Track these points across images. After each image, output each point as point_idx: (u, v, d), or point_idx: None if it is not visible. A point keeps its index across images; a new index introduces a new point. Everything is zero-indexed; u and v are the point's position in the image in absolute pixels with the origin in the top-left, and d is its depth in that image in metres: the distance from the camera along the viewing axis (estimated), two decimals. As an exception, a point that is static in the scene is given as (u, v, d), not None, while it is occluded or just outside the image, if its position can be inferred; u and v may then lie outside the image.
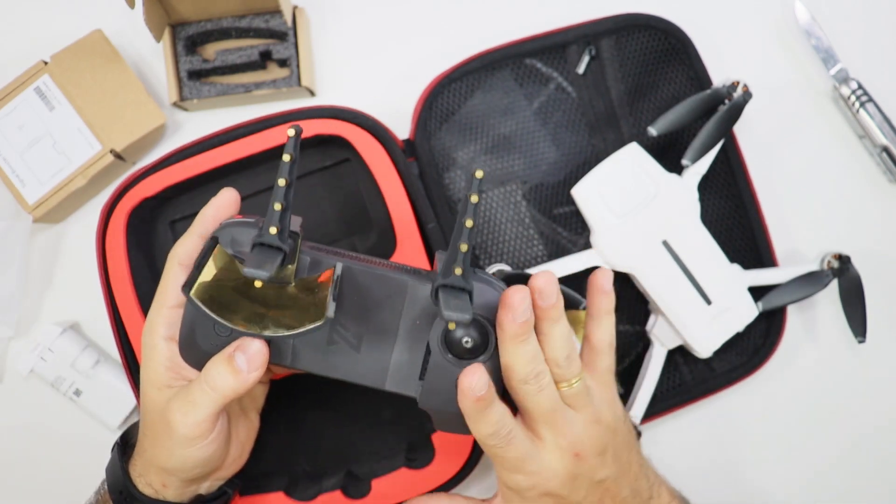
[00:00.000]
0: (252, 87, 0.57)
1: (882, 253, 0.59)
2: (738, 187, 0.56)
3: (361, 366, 0.39)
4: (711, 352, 0.53)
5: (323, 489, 0.51)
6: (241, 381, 0.38)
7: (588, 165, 0.54)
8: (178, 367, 0.40)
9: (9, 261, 0.56)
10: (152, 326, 0.41)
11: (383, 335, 0.38)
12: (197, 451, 0.40)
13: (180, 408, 0.39)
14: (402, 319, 0.38)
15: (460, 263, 0.34)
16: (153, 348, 0.41)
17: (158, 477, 0.41)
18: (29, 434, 0.58)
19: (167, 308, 0.41)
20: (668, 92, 0.56)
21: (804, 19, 0.58)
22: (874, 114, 0.57)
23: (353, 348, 0.38)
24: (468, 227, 0.34)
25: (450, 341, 0.37)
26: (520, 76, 0.55)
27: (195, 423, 0.38)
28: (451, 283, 0.35)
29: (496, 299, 0.37)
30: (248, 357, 0.37)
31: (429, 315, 0.38)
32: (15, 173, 0.54)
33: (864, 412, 0.60)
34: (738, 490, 0.59)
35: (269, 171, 0.55)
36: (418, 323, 0.38)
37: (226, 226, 0.39)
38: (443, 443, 0.51)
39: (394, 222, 0.51)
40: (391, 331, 0.38)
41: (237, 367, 0.37)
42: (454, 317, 0.33)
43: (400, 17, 0.60)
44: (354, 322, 0.38)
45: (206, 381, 0.38)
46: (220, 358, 0.38)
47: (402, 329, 0.38)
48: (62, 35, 0.55)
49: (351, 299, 0.38)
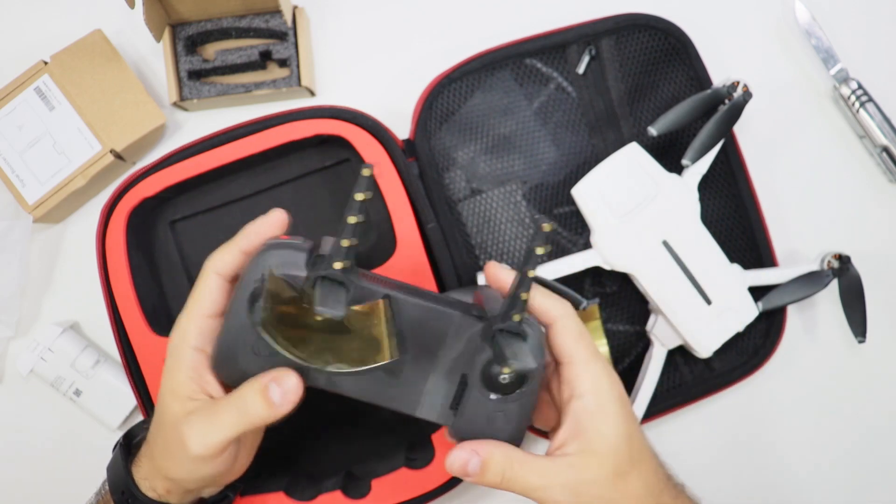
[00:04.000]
0: (252, 87, 0.57)
1: (882, 253, 0.59)
2: (738, 187, 0.56)
3: (396, 391, 0.39)
4: (711, 352, 0.53)
5: (323, 489, 0.51)
6: (272, 414, 0.38)
7: (588, 165, 0.54)
8: (203, 380, 0.39)
9: (9, 261, 0.56)
10: (184, 334, 0.39)
11: (422, 364, 0.39)
12: (207, 468, 0.39)
13: (200, 427, 0.38)
14: (442, 350, 0.39)
15: (519, 311, 0.35)
16: (180, 357, 0.39)
17: (163, 483, 0.40)
18: (29, 434, 0.58)
19: (201, 317, 0.40)
20: (668, 92, 0.56)
21: (804, 19, 0.58)
22: (874, 114, 0.57)
23: (390, 374, 0.39)
24: (531, 276, 0.35)
25: (488, 377, 0.38)
26: (520, 76, 0.55)
27: (212, 444, 0.38)
28: (510, 328, 0.36)
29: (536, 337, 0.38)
30: (284, 391, 0.37)
31: (470, 349, 0.38)
32: (15, 173, 0.54)
33: (864, 412, 0.60)
34: (738, 490, 0.59)
35: (268, 171, 0.55)
36: (456, 356, 0.39)
37: (272, 246, 0.38)
38: (443, 443, 0.51)
39: (394, 222, 0.51)
40: (430, 360, 0.39)
41: (271, 399, 0.37)
42: (517, 365, 0.33)
43: (400, 17, 0.60)
44: None
45: (235, 407, 0.38)
46: (255, 387, 0.38)
47: (440, 359, 0.39)
48: (62, 35, 0.55)
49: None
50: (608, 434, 0.38)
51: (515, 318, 0.36)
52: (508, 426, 0.39)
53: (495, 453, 0.38)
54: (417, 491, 0.51)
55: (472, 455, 0.38)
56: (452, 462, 0.39)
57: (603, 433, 0.38)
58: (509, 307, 0.36)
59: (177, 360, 0.40)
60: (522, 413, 0.39)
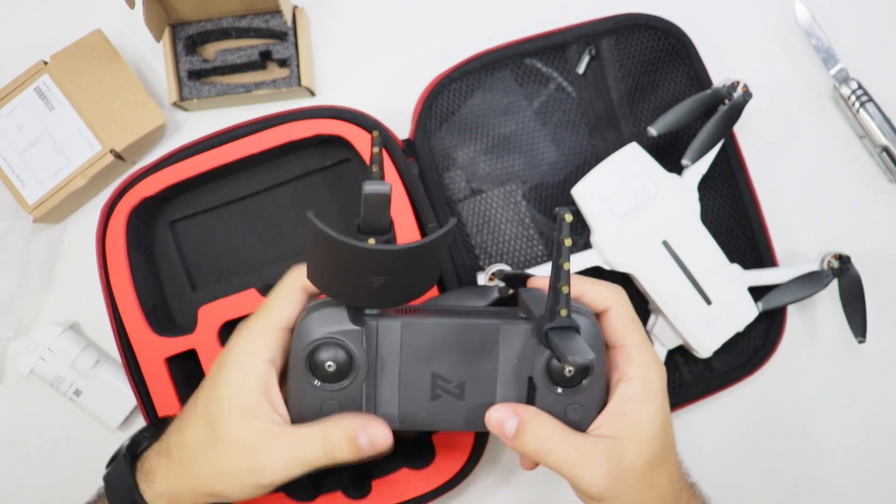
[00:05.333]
0: (252, 87, 0.57)
1: (882, 253, 0.59)
2: (738, 187, 0.56)
3: (467, 412, 0.40)
4: (711, 352, 0.53)
5: (323, 489, 0.51)
6: (357, 458, 0.38)
7: (588, 165, 0.54)
8: (273, 398, 0.38)
9: (9, 261, 0.56)
10: (255, 345, 0.38)
11: (484, 379, 0.39)
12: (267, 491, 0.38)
13: (284, 460, 0.37)
14: (499, 361, 0.39)
15: (564, 305, 0.35)
16: (249, 368, 0.37)
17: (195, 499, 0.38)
18: (29, 434, 0.58)
19: (275, 328, 0.38)
20: (668, 92, 0.56)
21: (804, 19, 0.58)
22: (874, 114, 0.57)
23: (457, 398, 0.39)
24: (566, 269, 0.35)
25: (552, 374, 0.38)
26: (520, 76, 0.55)
27: (292, 476, 0.37)
28: (560, 325, 0.36)
29: (591, 326, 0.38)
30: (372, 440, 0.38)
31: (525, 352, 0.39)
32: (15, 173, 0.54)
33: (864, 412, 0.60)
34: (738, 490, 0.59)
35: (268, 171, 0.55)
36: (516, 361, 0.39)
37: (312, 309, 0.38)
38: (443, 443, 0.51)
39: (394, 222, 0.51)
40: (491, 373, 0.39)
41: (359, 446, 0.37)
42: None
43: (400, 17, 0.60)
44: (454, 373, 0.39)
45: (323, 448, 0.37)
46: (345, 432, 0.37)
47: (500, 370, 0.39)
48: (62, 35, 0.55)
49: (448, 353, 0.39)
50: (649, 421, 0.37)
51: (563, 314, 0.35)
52: (586, 416, 0.39)
53: (535, 420, 0.37)
54: (417, 491, 0.51)
55: (510, 416, 0.38)
56: (489, 419, 0.38)
57: (645, 419, 0.37)
58: (554, 303, 0.36)
59: (244, 373, 0.37)
60: (596, 400, 0.39)
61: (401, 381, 0.39)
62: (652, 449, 0.37)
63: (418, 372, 0.39)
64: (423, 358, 0.39)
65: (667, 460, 0.39)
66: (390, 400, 0.39)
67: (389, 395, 0.39)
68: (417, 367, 0.39)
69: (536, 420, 0.37)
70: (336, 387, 0.38)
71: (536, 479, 0.58)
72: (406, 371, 0.39)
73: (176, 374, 0.52)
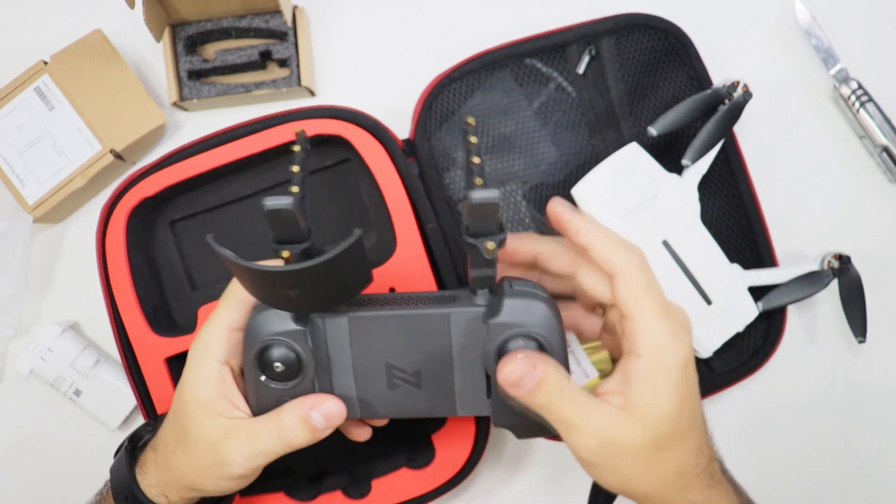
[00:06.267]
0: (252, 87, 0.57)
1: (882, 253, 0.59)
2: (738, 187, 0.56)
3: (428, 399, 0.40)
4: (711, 352, 0.53)
5: (323, 489, 0.51)
6: (314, 438, 0.38)
7: (588, 165, 0.53)
8: (231, 395, 0.39)
9: (9, 261, 0.56)
10: (208, 347, 0.39)
11: (440, 366, 0.39)
12: (240, 483, 0.40)
13: (245, 452, 0.38)
14: (453, 348, 0.39)
15: (478, 174, 0.35)
16: (205, 369, 0.39)
17: (180, 493, 0.40)
18: (29, 434, 0.58)
19: (227, 331, 0.40)
20: (668, 92, 0.56)
21: (804, 19, 0.58)
22: (874, 114, 0.57)
23: (414, 386, 0.40)
24: (474, 142, 0.36)
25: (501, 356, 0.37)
26: (520, 76, 0.55)
27: (256, 467, 0.39)
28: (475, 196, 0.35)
29: (542, 310, 0.37)
30: (326, 415, 0.38)
31: (477, 339, 0.38)
32: (15, 173, 0.54)
33: (864, 412, 0.60)
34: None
35: (268, 171, 0.55)
36: (469, 348, 0.39)
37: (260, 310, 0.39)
38: (443, 443, 0.51)
39: (394, 222, 0.51)
40: (446, 361, 0.39)
41: (314, 425, 0.38)
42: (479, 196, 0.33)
43: (400, 16, 0.60)
44: (409, 363, 0.39)
45: (278, 435, 0.38)
46: (296, 415, 0.38)
47: (455, 356, 0.39)
48: (62, 35, 0.55)
49: (399, 343, 0.39)
50: (657, 404, 0.35)
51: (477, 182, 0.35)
52: None
53: (552, 375, 0.36)
54: (417, 491, 0.51)
55: (531, 369, 0.36)
56: (510, 373, 0.36)
57: (651, 402, 0.35)
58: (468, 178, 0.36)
59: (202, 373, 0.39)
60: None
61: (355, 374, 0.39)
62: (658, 431, 0.35)
63: (371, 364, 0.39)
64: (374, 350, 0.39)
65: (679, 445, 0.36)
66: (348, 393, 0.40)
67: (346, 388, 0.40)
68: (370, 359, 0.39)
69: (553, 376, 0.36)
70: (288, 385, 0.39)
71: (536, 479, 0.59)
72: (359, 364, 0.39)
73: (176, 374, 0.52)
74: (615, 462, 0.36)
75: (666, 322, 0.37)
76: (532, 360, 0.36)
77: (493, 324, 0.37)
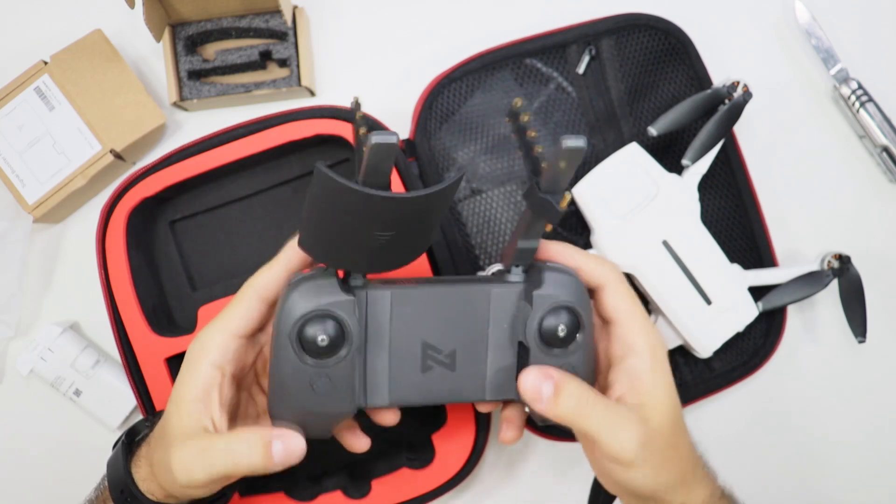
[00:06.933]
0: (252, 87, 0.57)
1: (882, 253, 0.59)
2: (738, 187, 0.56)
3: (459, 383, 0.39)
4: (711, 352, 0.53)
5: (323, 489, 0.51)
6: (265, 468, 0.37)
7: (588, 165, 0.54)
8: (209, 400, 0.38)
9: (9, 261, 0.56)
10: (205, 347, 0.39)
11: (475, 346, 0.39)
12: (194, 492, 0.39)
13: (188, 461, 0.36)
14: (490, 327, 0.39)
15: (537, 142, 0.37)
16: (196, 370, 0.38)
17: (160, 491, 0.40)
18: (29, 434, 0.58)
19: (229, 335, 0.39)
20: (668, 92, 0.56)
21: (804, 19, 0.58)
22: (874, 114, 0.57)
23: (448, 368, 0.39)
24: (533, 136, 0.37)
25: (545, 334, 0.38)
26: (520, 76, 0.55)
27: (196, 480, 0.37)
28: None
29: (578, 284, 0.39)
30: (287, 450, 0.37)
31: (517, 315, 0.39)
32: (15, 173, 0.54)
33: (864, 412, 0.60)
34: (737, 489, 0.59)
35: (268, 171, 0.55)
36: (506, 326, 0.39)
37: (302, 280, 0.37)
38: (443, 443, 0.51)
39: None
40: (481, 339, 0.39)
41: (271, 454, 0.36)
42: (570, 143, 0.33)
43: (400, 17, 0.60)
44: (445, 341, 0.39)
45: (231, 452, 0.36)
46: (257, 438, 0.36)
47: (491, 336, 0.39)
48: (62, 35, 0.55)
49: (438, 321, 0.39)
50: (665, 389, 0.38)
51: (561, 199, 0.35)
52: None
53: (570, 383, 0.37)
54: (417, 491, 0.51)
55: (546, 379, 0.37)
56: (525, 384, 0.37)
57: (661, 388, 0.38)
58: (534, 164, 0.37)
59: (191, 373, 0.38)
60: (588, 360, 0.39)
61: (391, 354, 0.38)
62: (672, 415, 0.38)
63: (409, 343, 0.38)
64: (413, 328, 0.38)
65: (684, 427, 0.40)
66: (381, 376, 0.39)
67: (380, 371, 0.39)
68: (408, 337, 0.38)
69: (572, 383, 0.37)
70: (330, 361, 0.36)
71: (536, 479, 0.59)
72: (396, 343, 0.38)
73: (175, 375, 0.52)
74: (652, 457, 0.37)
75: (650, 323, 0.40)
76: (543, 371, 0.37)
77: (538, 295, 0.37)
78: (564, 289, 0.38)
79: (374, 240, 0.34)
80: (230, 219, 0.56)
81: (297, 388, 0.37)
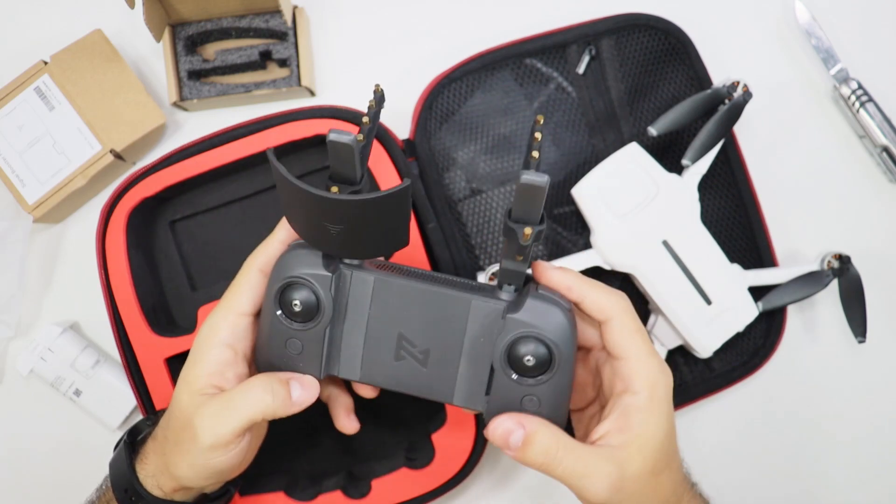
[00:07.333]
0: (252, 87, 0.57)
1: (882, 253, 0.59)
2: (738, 187, 0.56)
3: (429, 381, 0.40)
4: (711, 352, 0.53)
5: (323, 489, 0.51)
6: (286, 408, 0.38)
7: (588, 165, 0.54)
8: (222, 378, 0.39)
9: (9, 261, 0.56)
10: (214, 328, 0.40)
11: (449, 351, 0.39)
12: (218, 460, 0.39)
13: (212, 418, 0.38)
14: (466, 336, 0.39)
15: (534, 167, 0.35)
16: (206, 351, 0.39)
17: (171, 482, 0.40)
18: (29, 434, 0.58)
19: (236, 314, 0.40)
20: (668, 92, 0.56)
21: (804, 19, 0.58)
22: (874, 114, 0.57)
23: (420, 363, 0.39)
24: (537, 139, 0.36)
25: (513, 359, 0.38)
26: (520, 76, 0.55)
27: (224, 433, 0.38)
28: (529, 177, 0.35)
29: (562, 320, 0.37)
30: (304, 390, 0.39)
31: (491, 332, 0.38)
32: (15, 173, 0.54)
33: (864, 412, 0.60)
34: (738, 489, 0.59)
35: (268, 171, 0.55)
36: (482, 340, 0.39)
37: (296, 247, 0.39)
38: (443, 443, 0.51)
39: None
40: (456, 347, 0.39)
41: (290, 394, 0.38)
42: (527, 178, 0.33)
43: (400, 17, 0.60)
44: (421, 338, 0.39)
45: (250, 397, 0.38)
46: (276, 379, 0.38)
47: (466, 345, 0.39)
48: (62, 35, 0.55)
49: (416, 317, 0.39)
50: (655, 432, 0.38)
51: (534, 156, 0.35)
52: (542, 411, 0.38)
53: (542, 431, 0.37)
54: (417, 491, 0.51)
55: (517, 427, 0.37)
56: (494, 430, 0.38)
57: (651, 432, 0.38)
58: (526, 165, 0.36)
59: (202, 354, 0.39)
60: (557, 398, 0.38)
61: (367, 335, 0.39)
62: (656, 457, 0.38)
63: (385, 330, 0.39)
64: (391, 316, 0.39)
65: (669, 466, 0.39)
66: (354, 351, 0.40)
67: (354, 347, 0.40)
68: (384, 324, 0.39)
69: (543, 432, 0.37)
70: (301, 326, 0.39)
71: (536, 479, 0.58)
72: (373, 326, 0.39)
73: (175, 375, 0.52)
74: (625, 498, 0.37)
75: (655, 358, 0.39)
76: (517, 418, 0.38)
77: (511, 318, 0.37)
78: (542, 319, 0.37)
79: (326, 229, 0.36)
80: (230, 219, 0.56)
81: (274, 343, 0.39)
